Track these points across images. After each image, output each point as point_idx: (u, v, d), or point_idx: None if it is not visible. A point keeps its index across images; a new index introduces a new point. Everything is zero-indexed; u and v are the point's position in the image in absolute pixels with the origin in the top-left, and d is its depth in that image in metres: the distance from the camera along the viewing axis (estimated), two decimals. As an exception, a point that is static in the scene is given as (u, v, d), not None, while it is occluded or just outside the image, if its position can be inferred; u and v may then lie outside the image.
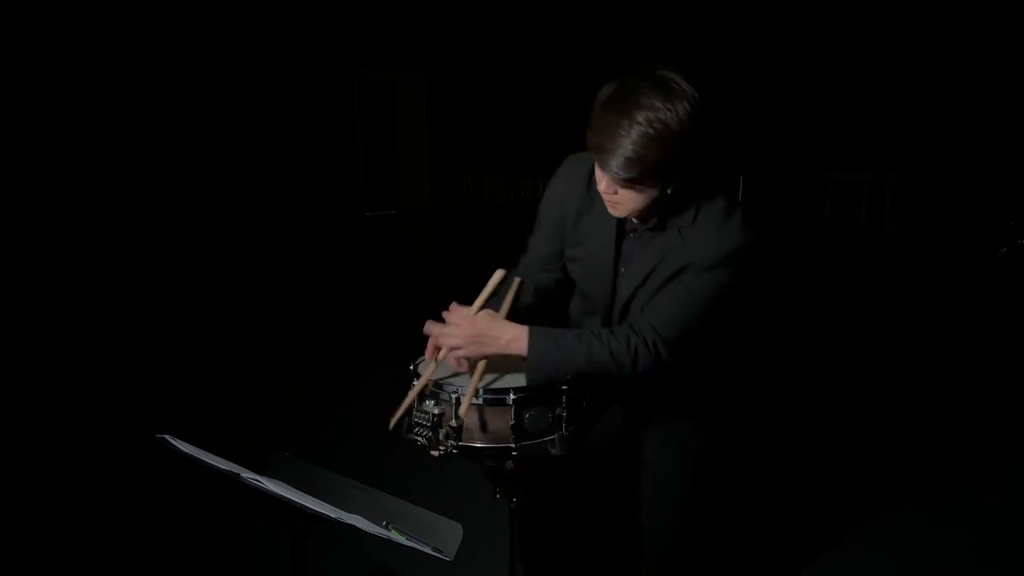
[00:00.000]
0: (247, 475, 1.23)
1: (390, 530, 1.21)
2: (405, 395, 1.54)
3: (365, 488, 1.38)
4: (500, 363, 1.55)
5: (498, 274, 1.59)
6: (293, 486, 1.25)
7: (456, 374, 1.56)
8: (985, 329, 5.64)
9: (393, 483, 1.54)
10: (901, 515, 2.93)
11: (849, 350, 5.15)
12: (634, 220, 1.58)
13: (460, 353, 1.49)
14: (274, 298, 6.54)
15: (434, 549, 1.18)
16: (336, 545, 2.57)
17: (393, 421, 1.52)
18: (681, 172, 1.44)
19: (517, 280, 1.62)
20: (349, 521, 1.17)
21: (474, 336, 1.48)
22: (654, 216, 1.56)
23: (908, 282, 7.47)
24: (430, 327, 1.54)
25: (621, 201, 1.48)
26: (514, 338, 1.49)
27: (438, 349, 1.53)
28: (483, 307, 1.55)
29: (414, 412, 1.52)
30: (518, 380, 1.51)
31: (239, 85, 9.03)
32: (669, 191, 1.47)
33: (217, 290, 6.76)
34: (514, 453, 1.47)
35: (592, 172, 1.56)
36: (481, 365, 1.51)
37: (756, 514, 2.98)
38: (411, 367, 1.59)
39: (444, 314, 1.54)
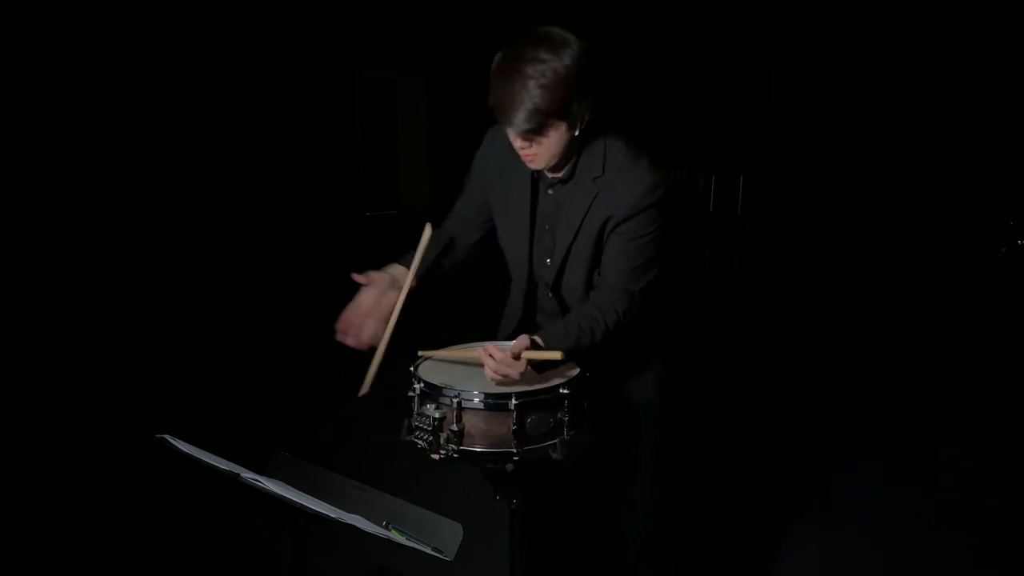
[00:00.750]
0: (247, 475, 1.23)
1: (390, 530, 1.21)
2: (406, 396, 1.54)
3: (365, 488, 1.38)
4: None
5: (427, 231, 1.71)
6: (293, 486, 1.25)
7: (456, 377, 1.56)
8: (985, 329, 5.64)
9: (393, 483, 1.54)
10: (901, 515, 2.94)
11: (848, 350, 5.15)
12: (549, 175, 1.69)
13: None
14: (274, 298, 6.54)
15: (434, 549, 1.18)
16: (336, 545, 2.57)
17: (366, 387, 1.59)
18: (581, 110, 1.55)
19: (428, 233, 1.70)
20: (349, 521, 1.17)
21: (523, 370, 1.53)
22: (567, 164, 1.66)
23: (908, 282, 7.46)
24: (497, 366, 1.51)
25: (537, 152, 1.58)
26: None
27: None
28: (420, 266, 1.69)
29: (414, 415, 1.52)
30: (519, 385, 1.52)
31: (239, 85, 9.03)
32: (577, 132, 1.57)
33: (217, 290, 6.76)
34: (515, 457, 1.48)
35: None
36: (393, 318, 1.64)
37: (756, 514, 2.99)
38: (411, 368, 1.59)
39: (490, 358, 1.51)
